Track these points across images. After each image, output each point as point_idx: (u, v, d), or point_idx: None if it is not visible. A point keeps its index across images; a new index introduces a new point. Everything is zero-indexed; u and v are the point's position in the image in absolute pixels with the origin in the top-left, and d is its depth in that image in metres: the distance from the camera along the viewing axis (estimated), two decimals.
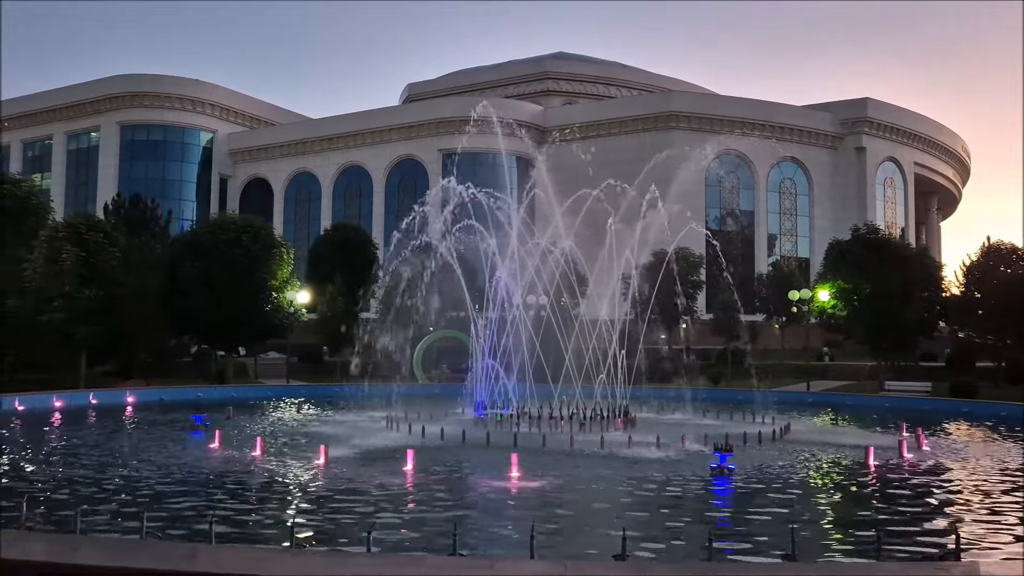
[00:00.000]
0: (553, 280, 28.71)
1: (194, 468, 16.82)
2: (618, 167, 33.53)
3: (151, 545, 8.14)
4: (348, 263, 60.44)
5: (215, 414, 26.39)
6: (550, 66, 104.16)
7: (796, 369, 50.60)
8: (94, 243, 41.29)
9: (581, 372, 26.59)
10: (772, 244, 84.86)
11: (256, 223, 51.61)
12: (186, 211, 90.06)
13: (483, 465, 17.69)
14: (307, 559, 7.47)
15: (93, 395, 34.65)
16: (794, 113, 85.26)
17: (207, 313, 46.44)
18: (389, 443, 20.58)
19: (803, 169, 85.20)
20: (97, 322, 40.00)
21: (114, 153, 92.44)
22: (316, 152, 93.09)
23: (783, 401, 37.58)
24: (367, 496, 13.79)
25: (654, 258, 41.48)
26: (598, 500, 14.20)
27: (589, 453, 19.59)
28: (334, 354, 58.43)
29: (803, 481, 16.42)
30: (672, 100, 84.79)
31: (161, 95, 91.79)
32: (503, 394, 26.55)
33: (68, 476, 15.70)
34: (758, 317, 63.65)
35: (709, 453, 17.69)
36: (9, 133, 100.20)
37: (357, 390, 31.36)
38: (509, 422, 23.67)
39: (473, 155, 71.30)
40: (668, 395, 34.74)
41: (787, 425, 24.85)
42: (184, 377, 49.44)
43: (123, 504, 12.99)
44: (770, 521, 12.32)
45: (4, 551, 6.73)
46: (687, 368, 41.66)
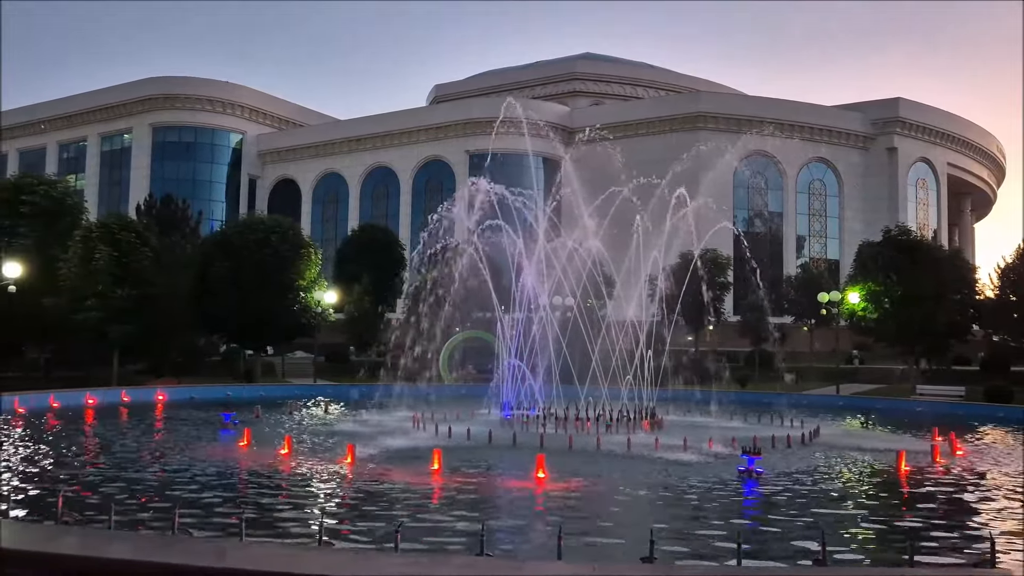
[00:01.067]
0: (580, 281, 28.63)
1: (224, 465, 16.99)
2: (645, 168, 33.30)
3: (182, 541, 8.22)
4: (375, 263, 60.83)
5: (244, 413, 26.64)
6: (577, 67, 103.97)
7: (825, 372, 50.02)
8: (126, 243, 41.89)
9: (607, 373, 26.49)
10: (801, 246, 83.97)
11: (284, 223, 52.06)
12: (216, 211, 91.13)
13: (510, 466, 17.69)
14: (336, 557, 7.50)
15: (125, 393, 35.14)
16: (824, 113, 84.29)
17: (236, 312, 46.92)
18: (416, 443, 20.64)
19: (833, 170, 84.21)
20: (129, 321, 40.60)
21: (146, 154, 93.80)
22: (344, 153, 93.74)
23: (812, 404, 37.18)
24: (394, 495, 13.85)
25: (681, 259, 41.23)
26: (625, 502, 14.12)
27: (616, 455, 19.50)
28: (360, 354, 58.81)
29: (833, 485, 16.20)
30: (700, 100, 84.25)
31: (192, 97, 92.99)
32: (529, 395, 26.52)
33: (101, 472, 15.94)
34: (786, 319, 63.03)
35: (737, 456, 17.52)
36: (45, 135, 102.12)
37: (383, 390, 31.50)
38: (535, 423, 23.65)
39: (500, 156, 71.29)
40: (695, 397, 34.49)
41: (816, 428, 24.55)
42: (214, 376, 50.02)
43: (154, 500, 13.15)
44: (799, 525, 12.17)
45: (40, 545, 6.85)
46: (714, 370, 41.33)
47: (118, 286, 40.52)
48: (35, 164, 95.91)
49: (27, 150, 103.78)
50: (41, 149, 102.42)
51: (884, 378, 51.35)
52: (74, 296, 40.35)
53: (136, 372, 48.29)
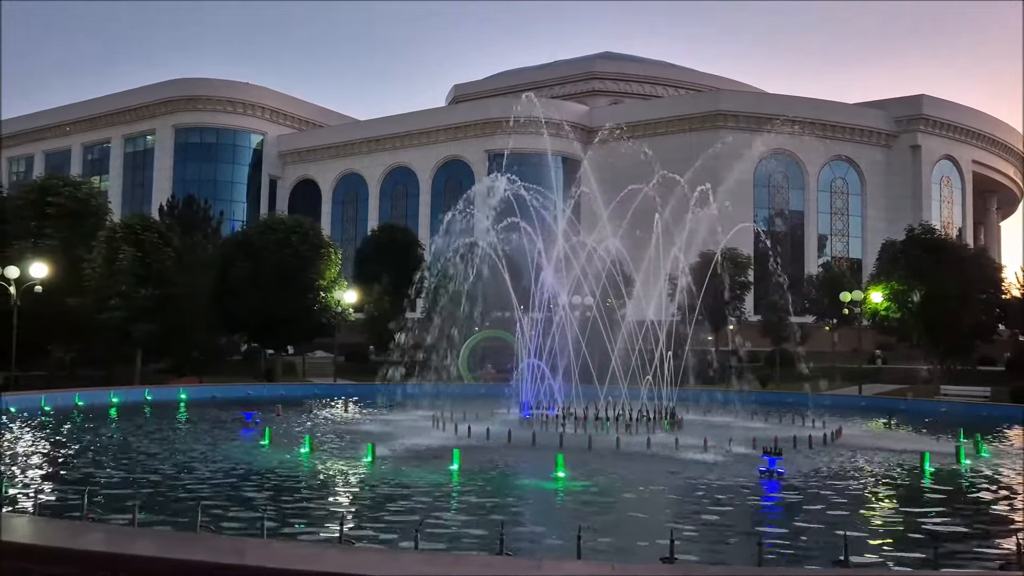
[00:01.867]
0: (599, 280, 28.55)
1: (245, 464, 17.11)
2: (665, 167, 33.13)
3: (205, 538, 8.29)
4: (394, 263, 61.06)
5: (265, 412, 26.82)
6: (596, 66, 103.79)
7: (848, 372, 49.57)
8: (149, 243, 42.36)
9: (627, 373, 26.39)
10: (823, 245, 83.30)
11: (305, 224, 52.40)
12: (237, 212, 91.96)
13: (529, 465, 17.66)
14: (357, 555, 7.53)
15: (148, 391, 35.50)
16: (846, 111, 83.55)
17: (257, 312, 47.27)
18: (435, 442, 20.67)
19: (855, 168, 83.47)
20: (152, 320, 41.03)
21: (169, 155, 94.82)
22: (363, 153, 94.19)
23: (834, 404, 36.84)
24: (414, 494, 13.88)
25: (701, 259, 41.00)
26: (645, 502, 14.07)
27: (635, 454, 19.43)
28: (380, 353, 59.03)
29: (856, 486, 16.02)
30: (720, 99, 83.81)
31: (213, 99, 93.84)
32: (548, 394, 26.49)
33: (125, 470, 16.11)
34: (808, 319, 62.53)
35: (758, 456, 17.39)
36: (70, 137, 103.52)
37: (403, 389, 31.59)
38: (555, 423, 23.62)
39: (519, 155, 71.26)
40: (715, 397, 34.29)
41: (839, 429, 24.32)
42: (235, 375, 50.44)
43: (177, 498, 13.28)
44: (821, 526, 12.06)
45: (66, 541, 6.94)
46: (734, 370, 41.07)
47: (141, 286, 40.98)
48: (60, 166, 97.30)
49: (52, 152, 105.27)
50: (66, 151, 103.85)
51: (907, 378, 50.83)
52: (98, 296, 40.86)
53: (158, 371, 48.81)
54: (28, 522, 8.75)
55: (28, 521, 8.91)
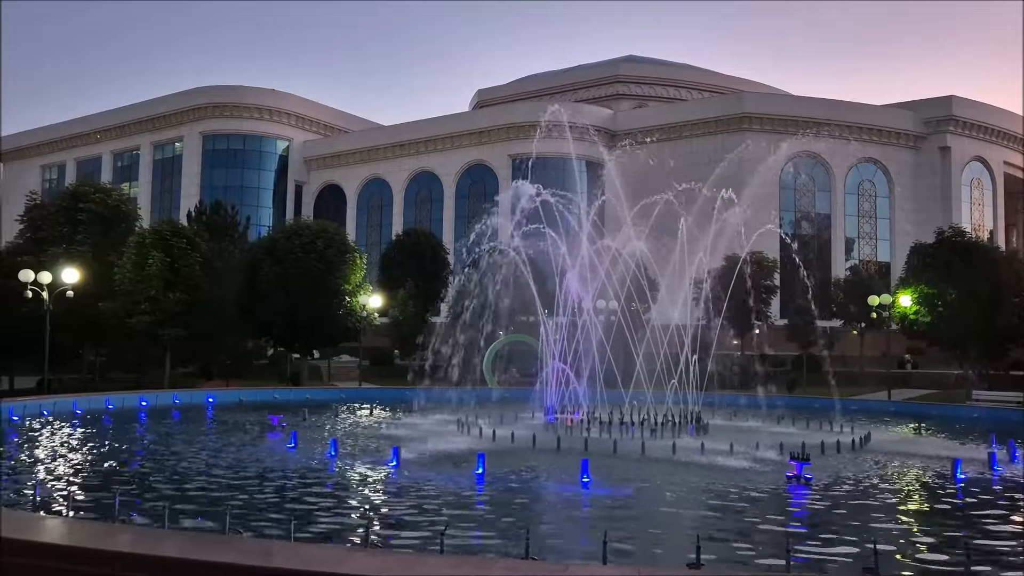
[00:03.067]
0: (624, 284, 28.46)
1: (272, 467, 17.25)
2: (690, 170, 33.10)
3: (232, 540, 8.37)
4: (419, 268, 61.34)
5: (291, 415, 27.03)
6: (620, 69, 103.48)
7: (876, 377, 48.93)
8: (178, 248, 42.87)
9: (652, 377, 26.27)
10: (850, 248, 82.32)
11: (330, 229, 52.74)
12: (263, 217, 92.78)
13: (554, 469, 17.64)
14: (383, 558, 7.57)
15: (176, 395, 35.91)
16: (873, 112, 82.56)
17: (283, 316, 47.66)
18: (460, 446, 20.71)
19: (883, 170, 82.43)
20: (180, 325, 41.52)
21: (196, 162, 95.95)
22: (388, 158, 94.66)
23: (863, 410, 36.41)
24: (440, 498, 13.91)
25: (726, 262, 40.73)
26: (670, 507, 13.99)
27: (661, 459, 19.33)
28: (405, 357, 59.25)
29: (885, 493, 15.80)
30: (745, 101, 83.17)
31: (240, 105, 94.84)
32: (573, 399, 26.44)
33: (154, 472, 16.31)
34: (835, 323, 61.82)
35: (785, 462, 17.23)
36: (100, 145, 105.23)
37: (428, 393, 31.69)
38: (580, 427, 23.57)
39: (543, 160, 71.34)
40: (741, 402, 34.02)
41: (867, 434, 24.02)
42: (261, 379, 50.89)
43: (205, 500, 13.41)
44: (850, 533, 11.90)
45: (97, 542, 7.04)
46: (760, 374, 40.74)
47: (170, 291, 41.48)
48: (91, 173, 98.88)
49: (84, 160, 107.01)
50: (97, 159, 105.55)
51: (938, 383, 50.06)
52: (128, 300, 41.42)
53: (186, 375, 49.39)
54: (62, 523, 8.90)
55: (62, 522, 9.07)
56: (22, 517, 9.39)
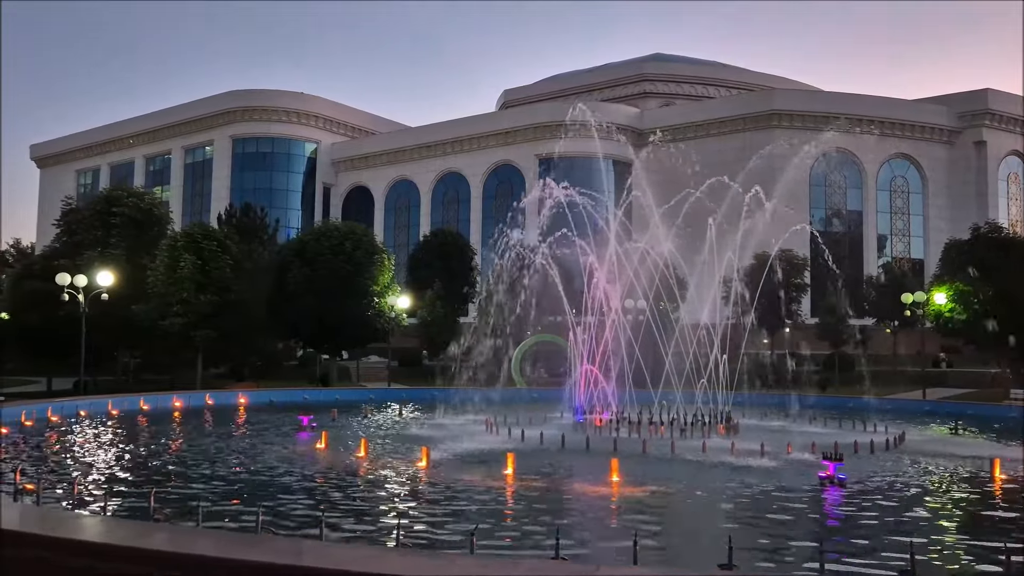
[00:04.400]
0: (652, 284, 28.29)
1: (302, 467, 17.39)
2: (718, 169, 32.68)
3: (266, 540, 8.44)
4: (447, 268, 61.51)
5: (321, 416, 27.23)
6: (647, 68, 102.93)
7: (911, 376, 48.18)
8: (209, 251, 43.35)
9: (681, 377, 26.09)
10: (882, 245, 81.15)
11: (358, 230, 53.04)
12: (292, 219, 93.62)
13: (583, 470, 17.58)
14: (413, 559, 7.58)
15: (209, 396, 36.35)
16: (905, 107, 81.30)
17: (312, 317, 48.03)
18: (489, 446, 20.72)
19: (916, 166, 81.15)
20: (212, 326, 42.01)
21: (226, 165, 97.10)
22: (415, 160, 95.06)
23: (897, 409, 35.85)
24: (469, 498, 13.93)
25: (756, 261, 40.35)
26: (701, 507, 13.88)
27: (691, 460, 19.18)
28: (433, 358, 59.45)
29: (921, 493, 15.53)
30: (773, 98, 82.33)
31: (269, 109, 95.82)
32: (602, 399, 26.34)
33: (189, 472, 16.52)
34: (867, 321, 60.98)
35: (817, 462, 17.00)
36: (133, 150, 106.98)
37: (456, 394, 31.76)
38: (609, 427, 23.48)
39: (570, 159, 71.20)
40: (771, 401, 33.66)
41: (902, 434, 23.64)
42: (291, 380, 51.33)
43: (237, 499, 13.55)
44: (885, 535, 11.71)
45: (133, 540, 7.13)
46: (792, 374, 40.29)
47: (201, 292, 41.97)
48: (124, 177, 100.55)
49: (117, 164, 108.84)
50: (130, 163, 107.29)
51: (974, 382, 49.16)
52: (161, 303, 41.98)
53: (217, 376, 49.96)
54: (99, 522, 9.04)
55: (99, 521, 9.20)
56: (61, 515, 9.55)
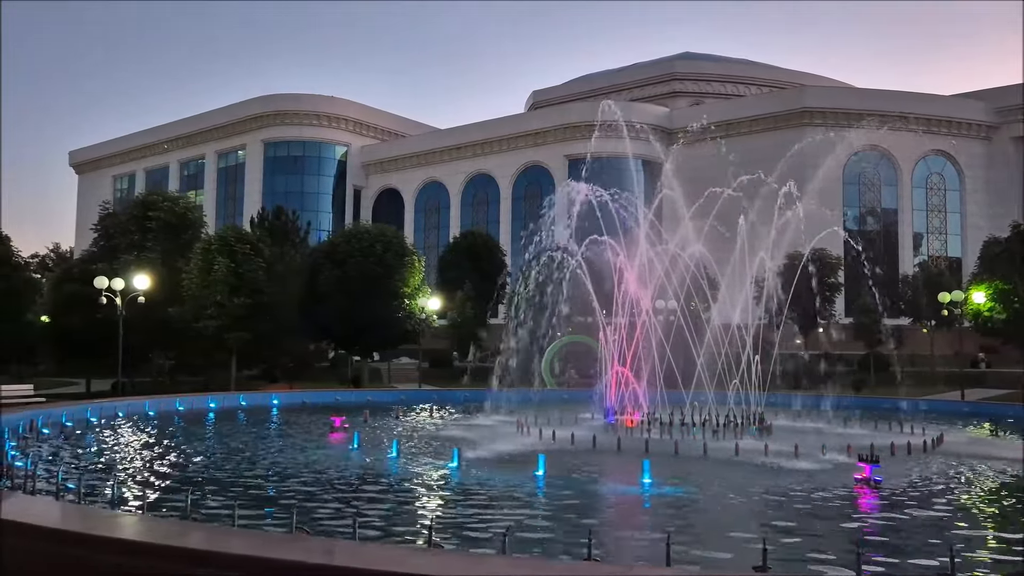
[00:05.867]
0: (683, 284, 28.10)
1: (335, 467, 17.51)
2: (749, 168, 32.39)
3: (298, 539, 8.51)
4: (477, 270, 61.66)
5: (353, 417, 27.42)
6: (676, 67, 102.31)
7: (948, 376, 47.29)
8: (242, 254, 43.88)
9: (713, 378, 25.87)
10: (918, 243, 79.80)
11: (388, 232, 53.39)
12: (323, 222, 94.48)
13: (615, 470, 17.51)
14: (446, 559, 7.59)
15: (242, 397, 36.78)
16: (941, 103, 79.85)
17: (343, 319, 48.39)
18: (520, 447, 20.70)
19: (953, 163, 79.66)
20: (245, 328, 42.52)
21: (258, 169, 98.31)
22: (444, 162, 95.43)
23: (934, 410, 35.23)
24: (500, 499, 13.93)
25: (788, 260, 39.89)
26: (734, 509, 13.73)
27: (723, 461, 19.00)
28: (464, 359, 59.64)
29: (961, 496, 15.22)
30: (805, 96, 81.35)
31: (300, 113, 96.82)
32: (633, 399, 26.20)
33: (224, 472, 16.72)
34: (903, 321, 60.00)
35: (853, 464, 16.74)
36: (168, 155, 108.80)
37: (487, 394, 31.78)
38: (640, 428, 23.35)
39: (599, 160, 70.89)
40: (805, 402, 33.25)
41: (940, 436, 23.20)
42: (323, 381, 51.77)
43: (272, 499, 13.69)
44: (924, 539, 11.50)
45: (170, 539, 7.23)
46: (826, 374, 39.74)
47: (234, 295, 42.50)
48: (159, 182, 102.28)
49: (152, 169, 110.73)
50: (164, 168, 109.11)
51: (1016, 382, 48.06)
52: (195, 305, 42.59)
53: (251, 377, 50.56)
54: (137, 520, 9.18)
55: (137, 520, 9.35)
56: (100, 514, 9.72)
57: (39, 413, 24.49)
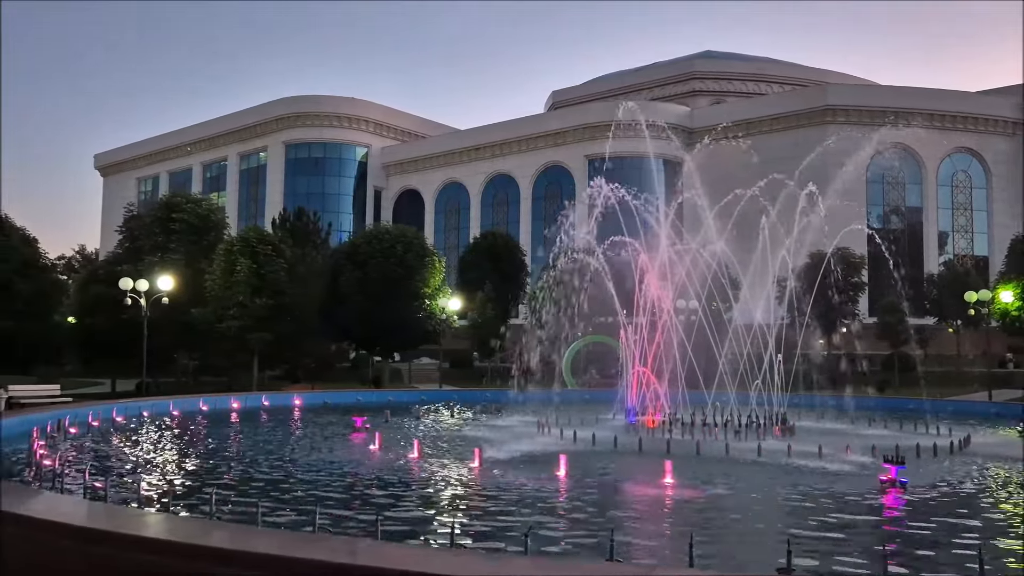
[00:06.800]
0: (704, 284, 27.94)
1: (357, 467, 17.58)
2: (771, 167, 32.21)
3: (322, 538, 8.54)
4: (497, 270, 61.72)
5: (374, 417, 27.52)
6: (696, 65, 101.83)
7: (975, 377, 46.67)
8: (264, 255, 44.21)
9: (735, 378, 25.70)
10: (943, 242, 78.85)
11: (409, 233, 53.57)
12: (344, 223, 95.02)
13: (636, 471, 17.42)
14: (468, 559, 7.60)
15: (265, 397, 37.05)
16: (967, 100, 78.86)
17: (364, 320, 48.60)
18: (541, 447, 20.67)
19: (979, 160, 78.62)
20: (267, 329, 42.82)
21: (280, 170, 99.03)
22: (464, 162, 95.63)
23: (960, 411, 34.78)
24: (522, 499, 13.91)
25: (811, 259, 39.54)
26: (757, 510, 13.62)
27: (745, 462, 18.86)
28: (484, 359, 59.70)
29: (989, 499, 14.99)
30: (828, 93, 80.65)
31: (321, 114, 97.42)
32: (654, 400, 26.08)
33: (247, 470, 16.84)
34: (928, 320, 59.30)
35: (878, 465, 16.54)
36: (191, 157, 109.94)
37: (508, 395, 31.77)
38: (661, 428, 23.25)
39: (619, 159, 70.76)
40: (828, 403, 32.93)
41: (967, 437, 22.88)
42: (344, 381, 52.05)
43: (293, 498, 13.76)
44: (951, 543, 11.34)
45: (195, 538, 7.29)
46: (849, 374, 39.36)
47: (256, 296, 42.81)
48: (183, 183, 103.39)
49: (176, 171, 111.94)
50: (187, 170, 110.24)
51: None
52: (218, 306, 42.95)
53: (273, 378, 50.93)
54: (162, 519, 9.27)
55: (162, 519, 9.44)
56: (127, 513, 9.83)
57: (66, 412, 24.79)
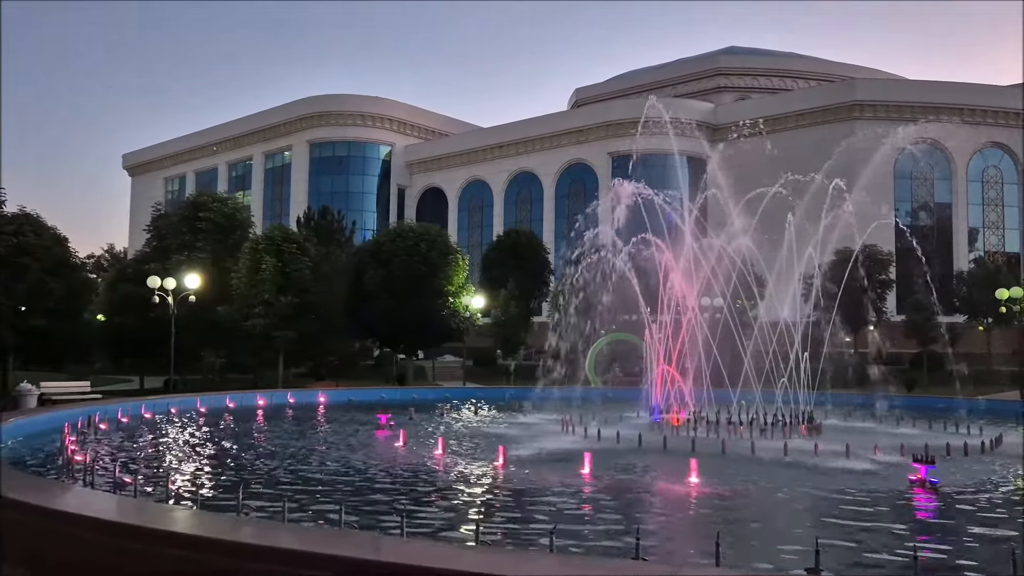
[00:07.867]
0: (730, 281, 27.73)
1: (381, 465, 17.65)
2: (797, 163, 31.92)
3: (347, 535, 8.59)
4: (520, 268, 61.69)
5: (398, 414, 27.63)
6: (721, 61, 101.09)
7: (1007, 375, 45.92)
8: (289, 254, 44.52)
9: (761, 376, 25.48)
10: (974, 239, 77.62)
11: (433, 231, 53.67)
12: (368, 221, 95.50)
13: (661, 470, 17.33)
14: (493, 555, 7.60)
15: (290, 394, 37.32)
16: (997, 94, 77.51)
17: (388, 318, 48.79)
18: (565, 446, 20.64)
19: (1010, 155, 77.28)
20: (291, 327, 43.14)
21: (304, 169, 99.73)
22: (488, 160, 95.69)
23: (992, 410, 34.20)
24: (546, 497, 13.89)
25: (838, 256, 39.09)
26: (784, 510, 13.50)
27: (771, 461, 18.70)
28: (508, 357, 59.70)
29: (1023, 500, 14.76)
30: (855, 88, 79.67)
31: (345, 113, 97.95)
32: (679, 398, 25.94)
33: (273, 467, 16.98)
34: (958, 318, 58.42)
35: (907, 464, 16.33)
36: (216, 156, 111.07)
37: (532, 393, 31.76)
38: (686, 427, 23.13)
39: (643, 157, 70.39)
40: (856, 401, 32.55)
41: (999, 436, 22.52)
42: (368, 379, 52.30)
43: (320, 495, 13.84)
44: (983, 543, 11.17)
45: (223, 533, 7.36)
46: (877, 373, 38.88)
47: (281, 294, 43.14)
48: (209, 183, 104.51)
49: (202, 171, 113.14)
50: (213, 170, 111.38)
51: None
52: (244, 304, 43.33)
53: (298, 375, 51.29)
54: (190, 515, 9.37)
55: (191, 514, 9.54)
56: (156, 508, 9.94)
57: (95, 409, 25.16)
